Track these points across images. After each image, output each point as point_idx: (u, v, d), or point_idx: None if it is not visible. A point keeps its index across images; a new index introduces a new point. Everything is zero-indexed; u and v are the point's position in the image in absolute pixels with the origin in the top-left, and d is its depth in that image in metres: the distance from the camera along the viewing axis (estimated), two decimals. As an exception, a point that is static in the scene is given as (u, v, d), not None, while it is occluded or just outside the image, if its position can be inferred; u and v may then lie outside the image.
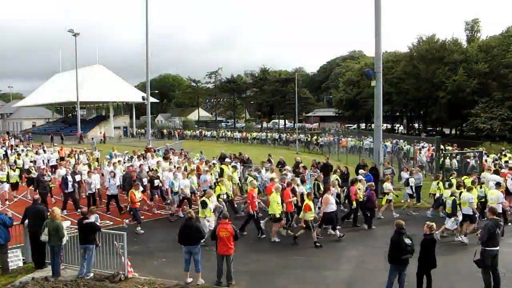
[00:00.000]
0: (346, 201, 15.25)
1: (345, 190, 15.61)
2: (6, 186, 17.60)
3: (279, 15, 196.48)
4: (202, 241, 10.49)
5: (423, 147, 26.22)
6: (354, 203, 13.93)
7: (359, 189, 14.08)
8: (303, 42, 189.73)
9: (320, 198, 13.56)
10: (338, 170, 16.84)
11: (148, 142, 30.54)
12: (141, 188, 14.55)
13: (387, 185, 15.23)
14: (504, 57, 45.84)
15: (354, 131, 49.30)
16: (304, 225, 12.14)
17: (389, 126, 65.29)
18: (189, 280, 9.31)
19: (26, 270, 10.11)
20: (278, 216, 12.53)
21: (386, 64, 51.81)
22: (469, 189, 13.02)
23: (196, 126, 76.98)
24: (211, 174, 16.47)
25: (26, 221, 10.42)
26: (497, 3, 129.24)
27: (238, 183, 17.44)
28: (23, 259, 10.57)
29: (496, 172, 15.96)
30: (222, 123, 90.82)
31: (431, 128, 61.77)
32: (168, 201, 15.32)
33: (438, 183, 15.32)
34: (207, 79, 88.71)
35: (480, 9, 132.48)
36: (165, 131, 64.66)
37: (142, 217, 15.16)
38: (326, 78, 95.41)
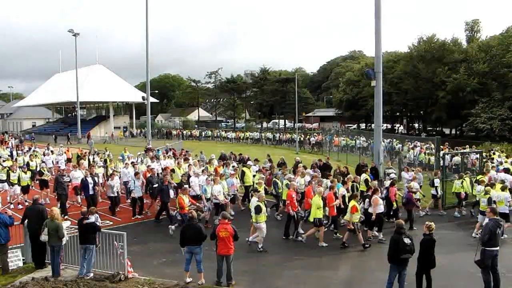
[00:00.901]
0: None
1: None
2: (18, 189, 16.89)
3: (279, 15, 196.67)
4: (260, 246, 11.01)
5: (415, 146, 26.73)
6: (395, 204, 13.76)
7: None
8: (303, 42, 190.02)
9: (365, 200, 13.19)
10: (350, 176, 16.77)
11: (148, 142, 30.53)
12: (183, 193, 13.68)
13: (414, 184, 15.02)
14: (503, 57, 45.84)
15: (354, 131, 49.37)
16: (352, 227, 11.87)
17: (389, 126, 65.27)
18: (189, 280, 9.31)
19: (26, 270, 10.11)
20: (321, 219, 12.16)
21: (386, 64, 51.85)
22: (503, 188, 13.14)
23: (196, 126, 76.95)
24: (236, 177, 16.18)
25: (26, 221, 10.41)
26: (497, 3, 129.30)
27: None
28: (23, 259, 10.56)
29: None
30: (222, 123, 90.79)
31: (431, 128, 61.79)
32: (205, 208, 14.09)
33: (462, 181, 15.41)
34: (207, 79, 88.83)
35: (480, 9, 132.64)
36: (174, 132, 63.59)
37: (140, 216, 15.26)
38: (326, 78, 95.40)
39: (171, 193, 14.75)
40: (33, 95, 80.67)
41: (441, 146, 27.52)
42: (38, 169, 19.94)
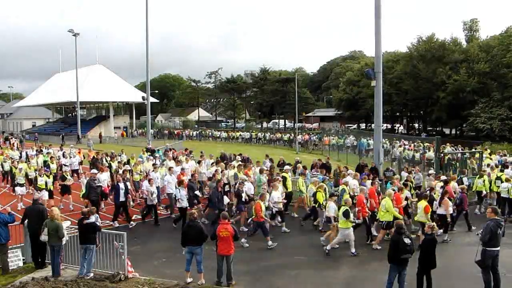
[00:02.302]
0: None
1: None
2: (46, 194, 15.55)
3: (279, 15, 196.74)
4: (353, 251, 10.75)
5: (404, 144, 27.72)
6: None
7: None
8: (303, 42, 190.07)
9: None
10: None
11: (148, 142, 30.55)
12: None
13: (439, 184, 14.77)
14: (504, 57, 45.84)
15: (354, 131, 49.45)
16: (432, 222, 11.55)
17: (389, 126, 65.26)
18: (189, 280, 9.32)
19: (26, 270, 10.12)
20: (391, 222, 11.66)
21: (386, 64, 51.83)
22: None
23: (196, 126, 76.96)
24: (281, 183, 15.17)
25: (26, 221, 10.41)
26: (496, 3, 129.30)
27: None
28: (23, 259, 10.56)
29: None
30: (222, 123, 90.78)
31: (431, 128, 61.78)
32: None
33: (484, 180, 15.50)
34: (207, 79, 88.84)
35: (479, 9, 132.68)
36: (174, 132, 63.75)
37: (136, 216, 15.19)
38: (326, 78, 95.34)
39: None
40: (33, 95, 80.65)
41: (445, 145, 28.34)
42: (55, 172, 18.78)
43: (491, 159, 21.17)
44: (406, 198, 13.23)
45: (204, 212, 14.70)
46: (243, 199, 13.69)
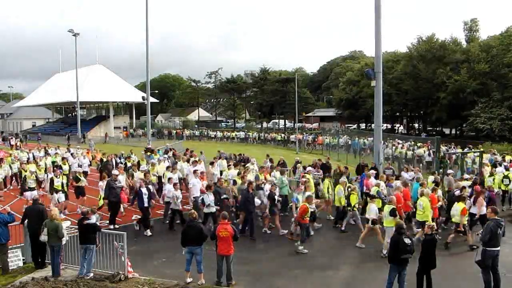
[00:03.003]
0: None
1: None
2: (62, 196, 15.24)
3: (279, 15, 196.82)
4: (384, 252, 10.37)
5: (398, 143, 28.66)
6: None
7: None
8: (303, 42, 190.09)
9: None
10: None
11: (148, 142, 30.55)
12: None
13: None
14: (504, 57, 45.84)
15: (353, 131, 49.54)
16: (462, 229, 11.66)
17: (389, 126, 65.26)
18: (189, 280, 9.32)
19: (26, 270, 10.11)
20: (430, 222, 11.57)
21: (386, 64, 51.81)
22: None
23: (196, 126, 76.98)
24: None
25: (26, 221, 10.41)
26: (496, 3, 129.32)
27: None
28: (23, 259, 10.57)
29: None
30: (222, 123, 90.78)
31: (431, 128, 61.78)
32: (293, 219, 12.77)
33: (494, 179, 15.77)
34: (207, 79, 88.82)
35: (479, 9, 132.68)
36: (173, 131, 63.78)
37: (138, 216, 15.11)
38: (326, 78, 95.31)
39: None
40: (33, 95, 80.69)
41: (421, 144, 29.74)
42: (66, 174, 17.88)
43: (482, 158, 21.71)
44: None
45: (238, 217, 13.86)
46: (276, 202, 13.46)
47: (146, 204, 13.20)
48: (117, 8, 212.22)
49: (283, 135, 50.22)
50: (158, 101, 79.05)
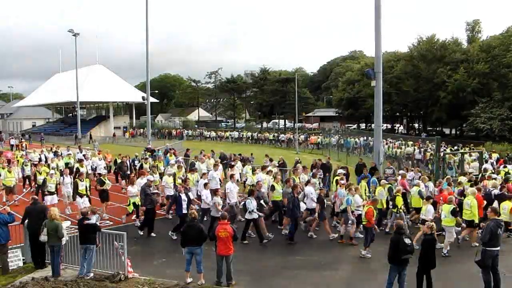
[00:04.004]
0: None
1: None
2: (87, 201, 14.39)
3: (279, 15, 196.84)
4: (446, 252, 10.25)
5: (390, 142, 30.23)
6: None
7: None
8: (303, 42, 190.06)
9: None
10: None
11: (148, 142, 30.57)
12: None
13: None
14: (504, 57, 45.85)
15: (354, 131, 49.60)
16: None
17: (389, 126, 65.27)
18: (189, 280, 9.32)
19: (26, 270, 10.11)
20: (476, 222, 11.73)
21: (386, 64, 51.84)
22: None
23: (196, 126, 77.03)
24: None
25: (26, 221, 10.41)
26: (497, 3, 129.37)
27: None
28: (23, 259, 10.56)
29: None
30: (222, 123, 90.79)
31: (431, 128, 61.77)
32: (350, 222, 12.52)
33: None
34: (207, 79, 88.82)
35: (480, 9, 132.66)
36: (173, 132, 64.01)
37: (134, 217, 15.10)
38: (326, 78, 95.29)
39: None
40: (33, 95, 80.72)
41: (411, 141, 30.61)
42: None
43: (470, 155, 23.11)
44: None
45: (283, 222, 13.51)
46: (325, 205, 13.23)
47: (185, 211, 12.26)
48: (117, 8, 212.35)
49: (275, 134, 51.61)
50: (158, 101, 79.10)
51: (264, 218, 12.95)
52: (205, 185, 13.49)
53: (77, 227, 10.03)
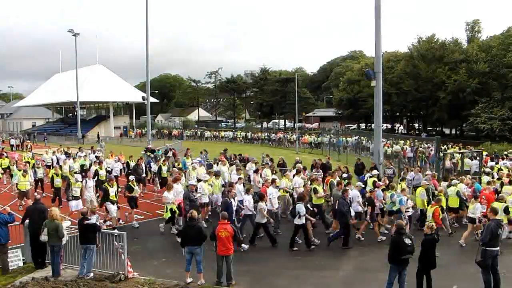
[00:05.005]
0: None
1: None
2: (116, 208, 13.65)
3: (279, 15, 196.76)
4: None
5: (382, 141, 29.51)
6: None
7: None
8: (303, 42, 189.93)
9: None
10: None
11: (148, 142, 30.55)
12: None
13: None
14: (504, 57, 45.87)
15: (354, 131, 49.61)
16: None
17: (389, 126, 65.28)
18: (189, 280, 9.32)
19: (26, 270, 10.10)
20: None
21: (386, 64, 51.94)
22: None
23: (196, 126, 77.07)
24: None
25: (27, 221, 10.41)
26: (497, 3, 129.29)
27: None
28: (23, 259, 10.56)
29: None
30: (222, 123, 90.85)
31: (431, 128, 61.80)
32: (405, 221, 11.79)
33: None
34: (207, 79, 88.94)
35: (480, 9, 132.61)
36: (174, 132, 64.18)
37: (140, 216, 15.16)
38: (326, 78, 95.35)
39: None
40: (33, 95, 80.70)
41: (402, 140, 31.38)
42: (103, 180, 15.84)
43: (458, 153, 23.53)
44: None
45: (330, 225, 13.26)
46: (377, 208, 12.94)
47: (233, 218, 11.76)
48: (117, 8, 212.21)
49: (267, 134, 53.24)
50: (158, 101, 79.09)
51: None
52: (247, 190, 12.86)
53: (77, 227, 10.04)
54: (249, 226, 12.59)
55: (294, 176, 15.12)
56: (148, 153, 23.67)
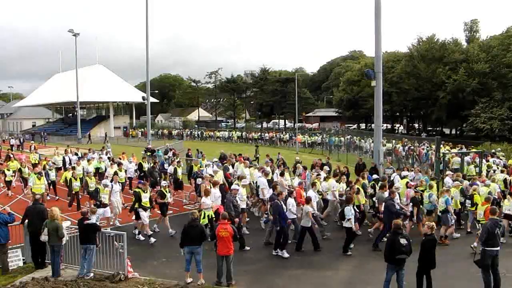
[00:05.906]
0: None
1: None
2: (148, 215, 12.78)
3: (279, 15, 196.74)
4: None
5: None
6: None
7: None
8: (303, 42, 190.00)
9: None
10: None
11: (148, 142, 30.58)
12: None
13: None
14: (504, 57, 45.84)
15: (354, 131, 49.63)
16: None
17: (389, 126, 65.25)
18: (189, 280, 9.32)
19: (26, 270, 10.11)
20: None
21: (386, 64, 51.91)
22: None
23: (196, 126, 77.03)
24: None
25: (26, 221, 10.41)
26: (496, 3, 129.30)
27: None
28: (23, 259, 10.57)
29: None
30: (222, 123, 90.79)
31: (431, 128, 61.77)
32: (451, 223, 12.31)
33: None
34: (207, 79, 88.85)
35: (479, 9, 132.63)
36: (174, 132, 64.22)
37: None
38: (326, 78, 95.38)
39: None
40: (33, 95, 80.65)
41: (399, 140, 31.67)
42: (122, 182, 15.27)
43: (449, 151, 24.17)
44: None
45: (372, 227, 13.12)
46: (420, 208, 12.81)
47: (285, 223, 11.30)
48: (117, 8, 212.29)
49: (260, 134, 54.27)
50: (158, 101, 79.09)
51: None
52: (290, 193, 12.12)
53: (77, 227, 10.04)
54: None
55: (324, 179, 15.04)
56: (148, 153, 23.69)
